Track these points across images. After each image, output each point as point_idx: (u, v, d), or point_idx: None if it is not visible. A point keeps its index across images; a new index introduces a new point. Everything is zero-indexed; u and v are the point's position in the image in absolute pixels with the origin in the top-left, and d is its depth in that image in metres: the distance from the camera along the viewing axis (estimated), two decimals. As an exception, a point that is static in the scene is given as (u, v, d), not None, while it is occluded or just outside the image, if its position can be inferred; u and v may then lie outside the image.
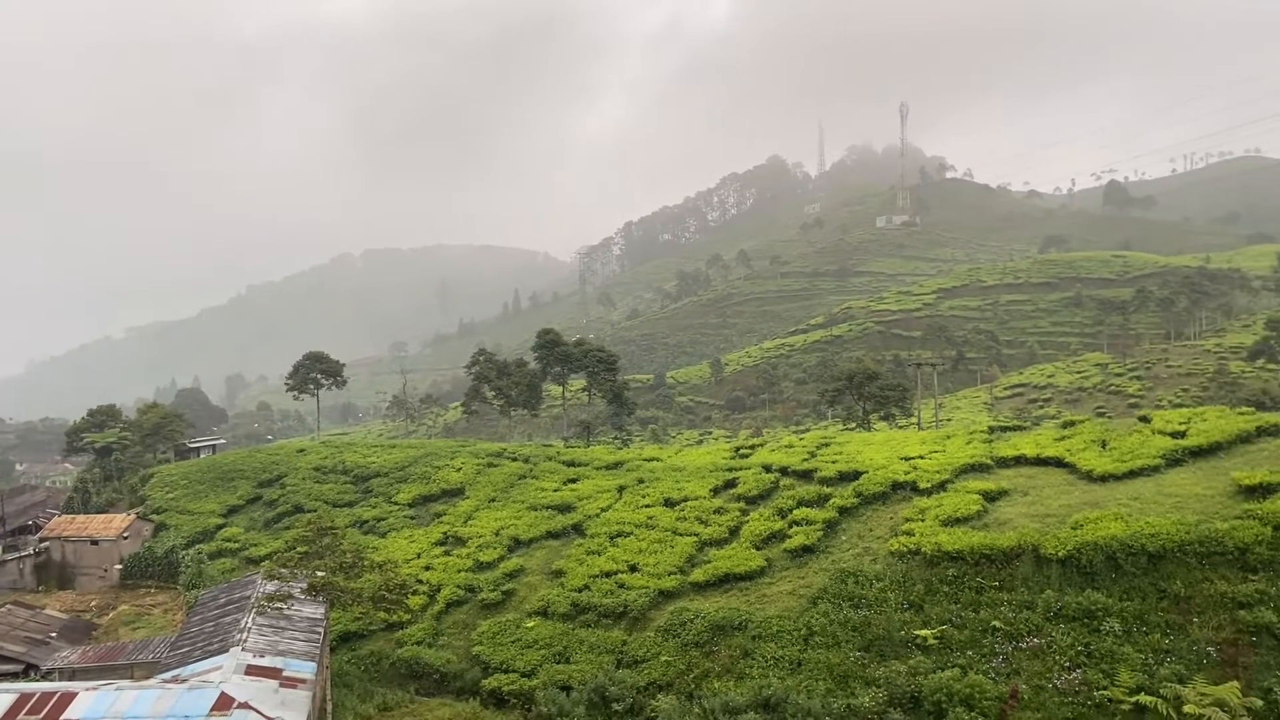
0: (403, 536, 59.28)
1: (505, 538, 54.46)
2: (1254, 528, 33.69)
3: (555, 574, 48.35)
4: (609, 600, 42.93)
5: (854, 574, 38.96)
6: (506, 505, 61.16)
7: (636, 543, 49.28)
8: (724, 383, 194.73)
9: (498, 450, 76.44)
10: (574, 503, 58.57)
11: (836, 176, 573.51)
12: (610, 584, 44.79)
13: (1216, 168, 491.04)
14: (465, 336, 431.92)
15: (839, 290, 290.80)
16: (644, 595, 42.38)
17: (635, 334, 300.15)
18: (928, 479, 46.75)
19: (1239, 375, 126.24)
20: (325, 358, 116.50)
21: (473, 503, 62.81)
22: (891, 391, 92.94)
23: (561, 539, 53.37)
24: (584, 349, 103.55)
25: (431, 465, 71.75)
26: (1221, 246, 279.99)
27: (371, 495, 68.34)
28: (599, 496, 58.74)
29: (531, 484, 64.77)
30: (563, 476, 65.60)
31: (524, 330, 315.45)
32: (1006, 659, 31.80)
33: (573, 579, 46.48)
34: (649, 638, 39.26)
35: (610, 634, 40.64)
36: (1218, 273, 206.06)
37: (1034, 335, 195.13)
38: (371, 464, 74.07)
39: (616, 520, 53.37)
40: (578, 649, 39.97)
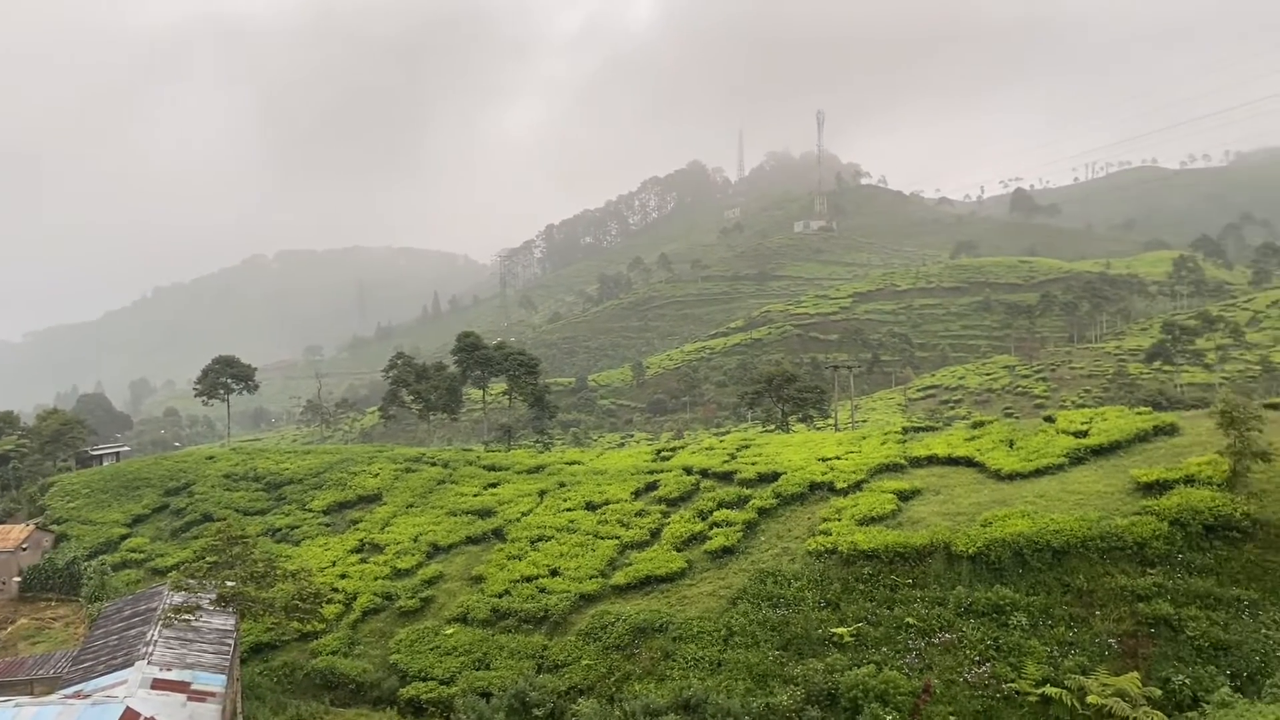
0: (317, 544, 58.00)
1: (424, 544, 53.71)
2: (1151, 523, 35.15)
3: (475, 580, 47.85)
4: (530, 605, 42.67)
5: (773, 574, 39.44)
6: (425, 511, 60.33)
7: (558, 546, 49.09)
8: (645, 385, 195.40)
9: (416, 455, 75.34)
10: (494, 507, 58.07)
11: (755, 181, 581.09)
12: (531, 589, 44.52)
13: (1116, 177, 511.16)
14: (383, 340, 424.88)
15: (758, 294, 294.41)
16: (565, 599, 42.24)
17: (557, 337, 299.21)
18: (844, 479, 47.59)
19: (1137, 376, 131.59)
20: (236, 362, 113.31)
21: (390, 509, 61.79)
22: (809, 393, 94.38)
23: (482, 544, 52.86)
24: (505, 352, 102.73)
25: (348, 471, 70.37)
26: (1121, 253, 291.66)
27: (285, 503, 66.70)
28: (520, 501, 58.35)
29: (451, 489, 64.00)
30: (483, 481, 64.99)
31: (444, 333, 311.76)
32: (920, 654, 32.55)
33: (493, 584, 46.07)
34: (570, 642, 39.14)
35: (531, 639, 40.41)
36: (1117, 278, 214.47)
37: (945, 338, 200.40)
38: (285, 470, 72.29)
39: (538, 524, 53.10)
40: (498, 655, 39.64)
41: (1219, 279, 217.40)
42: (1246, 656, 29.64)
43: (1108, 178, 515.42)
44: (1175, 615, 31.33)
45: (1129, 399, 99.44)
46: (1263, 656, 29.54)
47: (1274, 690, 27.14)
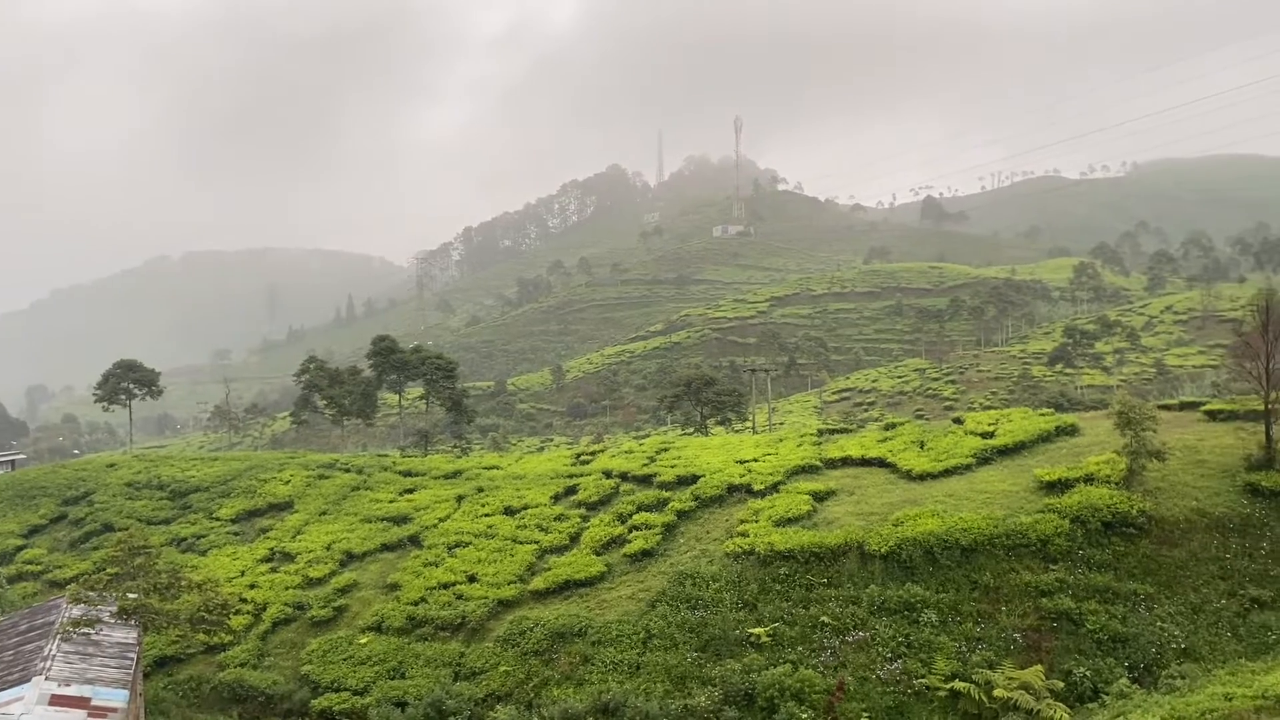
0: (225, 554, 56.26)
1: (337, 552, 52.57)
2: (1054, 521, 36.43)
3: (390, 587, 47.04)
4: (447, 612, 42.13)
5: (691, 576, 39.68)
6: (339, 518, 59.06)
7: (475, 552, 48.57)
8: (565, 389, 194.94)
9: (330, 461, 73.76)
10: (411, 514, 57.17)
11: (675, 186, 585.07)
12: (448, 595, 43.96)
13: (1020, 185, 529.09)
14: (295, 343, 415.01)
15: (678, 298, 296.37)
16: (483, 605, 41.81)
17: (475, 341, 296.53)
18: (761, 481, 48.15)
19: (1040, 379, 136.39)
20: (139, 366, 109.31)
21: (302, 516, 60.33)
22: (728, 397, 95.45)
23: (397, 551, 51.99)
24: (421, 356, 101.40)
25: (257, 478, 68.48)
26: (1025, 259, 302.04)
27: (191, 511, 64.54)
28: (437, 506, 57.57)
29: (366, 495, 62.82)
30: (399, 487, 63.93)
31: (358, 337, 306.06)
32: (834, 653, 33.14)
33: (409, 592, 45.34)
34: (488, 648, 38.76)
35: (448, 646, 39.89)
36: (1022, 283, 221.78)
37: (859, 342, 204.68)
38: (190, 478, 70.00)
39: (455, 530, 52.45)
40: (414, 663, 39.03)
41: (1117, 285, 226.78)
42: (1143, 648, 30.93)
43: (1012, 186, 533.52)
44: (1076, 609, 32.52)
45: (1033, 401, 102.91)
46: (1158, 648, 30.86)
47: (1169, 681, 28.36)
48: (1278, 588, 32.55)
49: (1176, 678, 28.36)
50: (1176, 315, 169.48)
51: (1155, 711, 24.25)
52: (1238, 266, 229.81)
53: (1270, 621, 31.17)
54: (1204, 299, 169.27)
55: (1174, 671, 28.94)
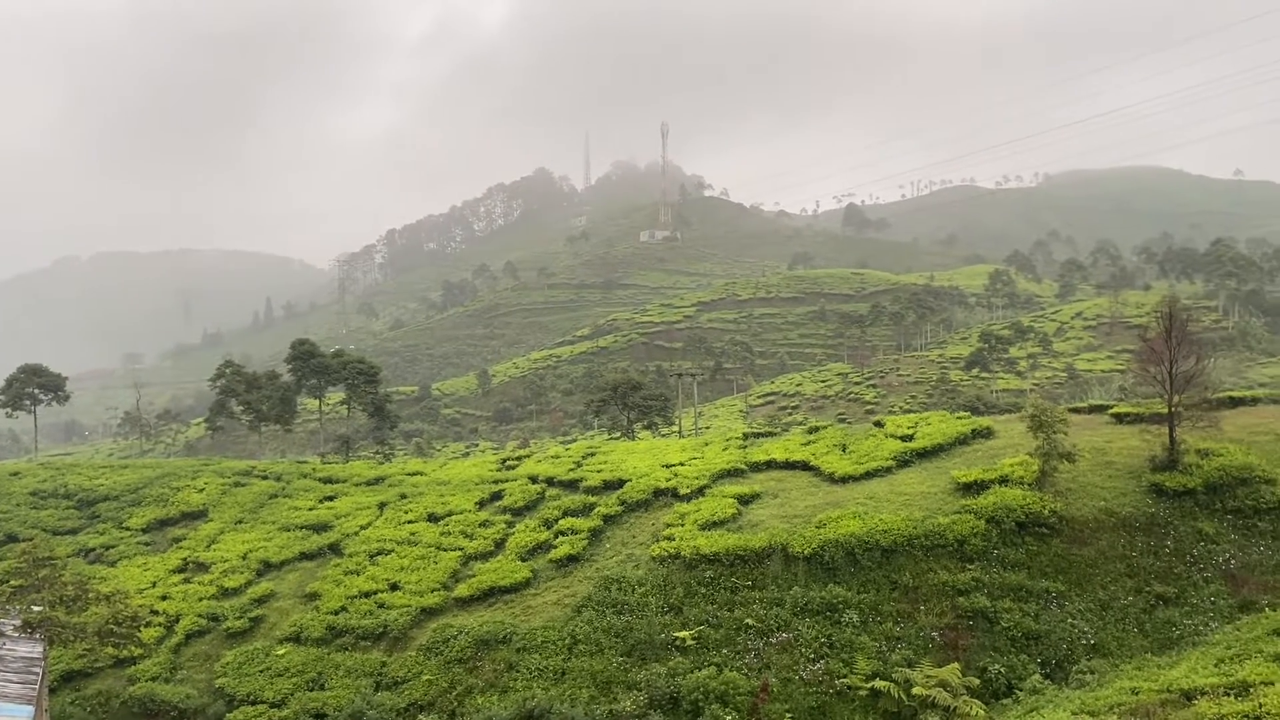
0: (135, 565, 54.39)
1: (254, 561, 51.23)
2: (970, 521, 37.36)
3: (310, 597, 46.01)
4: (368, 621, 41.38)
5: (617, 580, 39.64)
6: (256, 527, 57.58)
7: (398, 560, 47.82)
8: (491, 394, 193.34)
9: (246, 468, 71.85)
10: (331, 521, 56.04)
11: (602, 190, 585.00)
12: (370, 604, 43.19)
13: (939, 194, 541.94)
14: (211, 347, 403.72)
15: (605, 302, 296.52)
16: (405, 614, 41.18)
17: (399, 345, 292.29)
18: (687, 485, 48.39)
19: (958, 383, 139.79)
20: (44, 370, 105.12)
21: (217, 525, 58.66)
22: (654, 401, 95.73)
23: (317, 560, 50.89)
24: (343, 360, 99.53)
25: (170, 486, 66.35)
26: (943, 266, 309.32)
27: (99, 520, 62.24)
28: (358, 514, 56.52)
29: (284, 503, 61.35)
30: (319, 494, 62.62)
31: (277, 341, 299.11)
32: (758, 654, 33.44)
33: (329, 601, 44.41)
34: (410, 657, 38.18)
35: (369, 656, 39.18)
36: (940, 290, 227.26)
37: (784, 346, 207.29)
38: (99, 486, 67.49)
39: (377, 538, 51.57)
40: (334, 674, 38.23)
41: (1030, 292, 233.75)
42: (1055, 645, 31.89)
43: (931, 195, 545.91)
44: (991, 608, 33.39)
45: (950, 404, 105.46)
46: (1069, 645, 31.85)
47: (1079, 676, 29.28)
48: (1181, 585, 33.88)
49: (1086, 673, 29.29)
50: (1086, 321, 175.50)
51: (1066, 706, 24.98)
52: (1143, 274, 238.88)
53: (1174, 617, 32.40)
54: (1112, 306, 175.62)
55: (1084, 667, 29.90)
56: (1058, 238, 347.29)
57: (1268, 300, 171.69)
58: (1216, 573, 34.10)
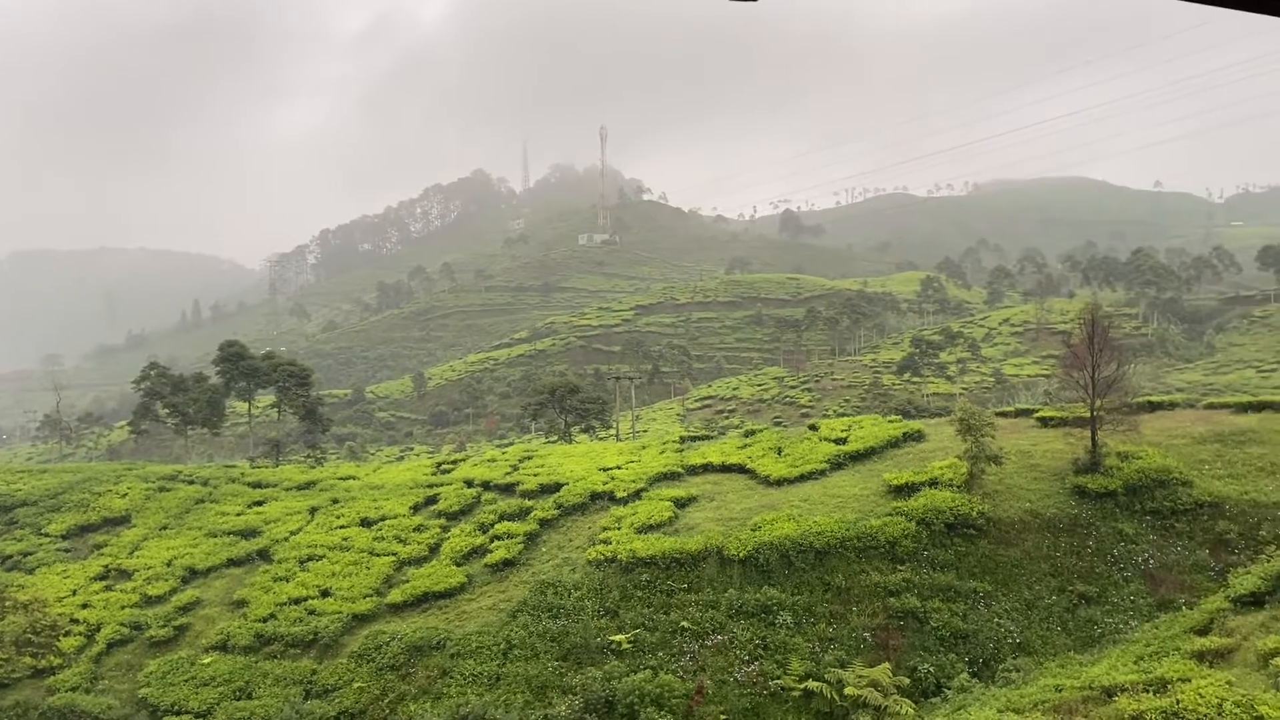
0: (55, 572, 52.59)
1: (179, 568, 49.91)
2: (901, 523, 38.00)
3: (237, 604, 44.98)
4: (298, 629, 40.58)
5: (553, 584, 39.48)
6: (181, 533, 56.10)
7: (330, 566, 47.00)
8: (427, 397, 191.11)
9: (172, 473, 69.97)
10: (260, 527, 54.85)
11: (540, 193, 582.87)
12: (300, 611, 42.36)
13: (872, 201, 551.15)
14: (135, 349, 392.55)
15: (543, 305, 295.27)
16: (337, 620, 40.47)
17: (332, 347, 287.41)
18: (624, 488, 48.41)
19: (890, 387, 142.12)
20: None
21: (141, 531, 57.02)
22: (592, 404, 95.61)
23: (245, 566, 49.76)
24: (274, 363, 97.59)
25: (91, 491, 64.31)
26: (877, 272, 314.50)
27: (16, 526, 60.08)
28: (288, 519, 55.42)
29: (211, 508, 59.89)
30: (247, 499, 61.25)
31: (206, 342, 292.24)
32: (694, 657, 33.57)
33: (257, 608, 43.46)
34: (342, 664, 37.53)
35: (299, 664, 38.41)
36: (874, 295, 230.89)
37: (721, 350, 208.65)
38: (16, 491, 65.13)
39: (308, 543, 50.61)
40: (262, 683, 37.39)
41: (960, 298, 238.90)
42: (982, 644, 32.59)
43: (865, 202, 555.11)
44: (921, 608, 34.00)
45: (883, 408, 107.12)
46: (995, 643, 32.57)
47: (1005, 674, 29.95)
48: (1102, 584, 34.88)
49: (1012, 671, 29.98)
50: (1013, 327, 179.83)
51: (992, 704, 25.53)
52: (1068, 282, 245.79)
53: (1096, 616, 33.34)
54: (1038, 312, 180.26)
55: (1010, 665, 30.59)
56: (987, 245, 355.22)
57: (1185, 308, 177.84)
58: (1136, 572, 35.18)
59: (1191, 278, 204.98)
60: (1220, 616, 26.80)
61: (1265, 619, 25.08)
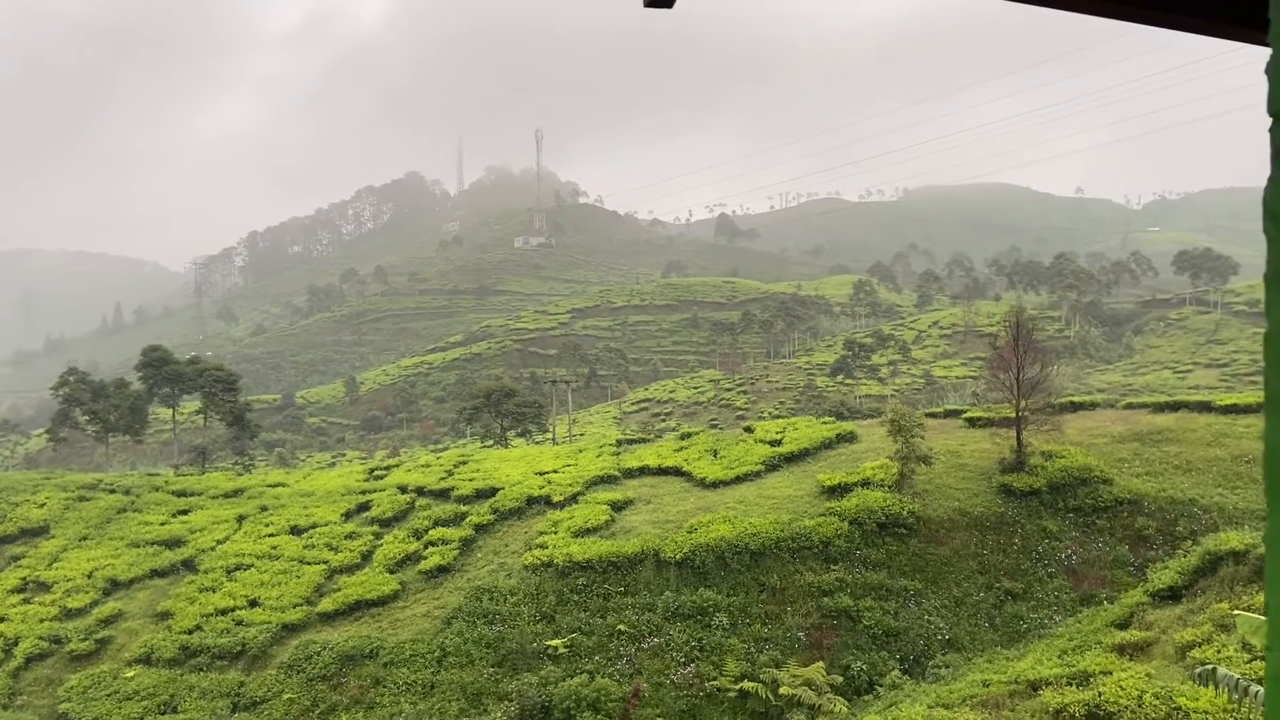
0: (-33, 587, 50.56)
1: (100, 579, 48.36)
2: (834, 523, 38.52)
3: (161, 616, 43.75)
4: (225, 640, 39.63)
5: (489, 590, 39.17)
6: (102, 543, 54.36)
7: (258, 575, 45.99)
8: (359, 402, 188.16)
9: (92, 482, 67.78)
10: (185, 536, 53.43)
11: (475, 196, 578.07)
12: (227, 622, 41.37)
13: (806, 206, 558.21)
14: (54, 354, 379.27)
15: (478, 309, 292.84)
16: (265, 631, 39.62)
17: (260, 351, 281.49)
18: (561, 492, 48.26)
19: (824, 389, 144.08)
20: None
21: (60, 542, 55.12)
22: (528, 408, 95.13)
23: (170, 577, 48.43)
24: (199, 368, 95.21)
25: (8, 501, 61.97)
26: (810, 275, 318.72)
27: (-75, 541, 57.61)
28: (215, 528, 54.09)
29: (134, 518, 58.15)
30: (172, 508, 59.62)
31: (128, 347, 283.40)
32: (630, 660, 33.58)
33: (182, 620, 42.34)
34: (271, 676, 36.74)
35: (226, 676, 37.50)
36: (807, 299, 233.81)
37: (658, 353, 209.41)
38: (-75, 503, 62.48)
39: (235, 552, 49.46)
40: (187, 696, 36.43)
41: (890, 302, 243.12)
42: (913, 641, 33.19)
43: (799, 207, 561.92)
44: (854, 607, 34.50)
45: (817, 409, 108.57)
46: (926, 641, 33.20)
47: (935, 670, 30.54)
48: (1028, 580, 35.78)
49: (942, 667, 30.58)
50: (942, 330, 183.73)
51: (922, 700, 25.99)
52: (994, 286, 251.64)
53: (1022, 612, 34.19)
54: (965, 315, 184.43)
55: (939, 661, 31.20)
56: (916, 250, 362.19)
57: (1105, 311, 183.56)
58: (1060, 568, 36.16)
59: (1111, 282, 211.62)
60: (1139, 610, 27.66)
61: (1182, 612, 25.96)
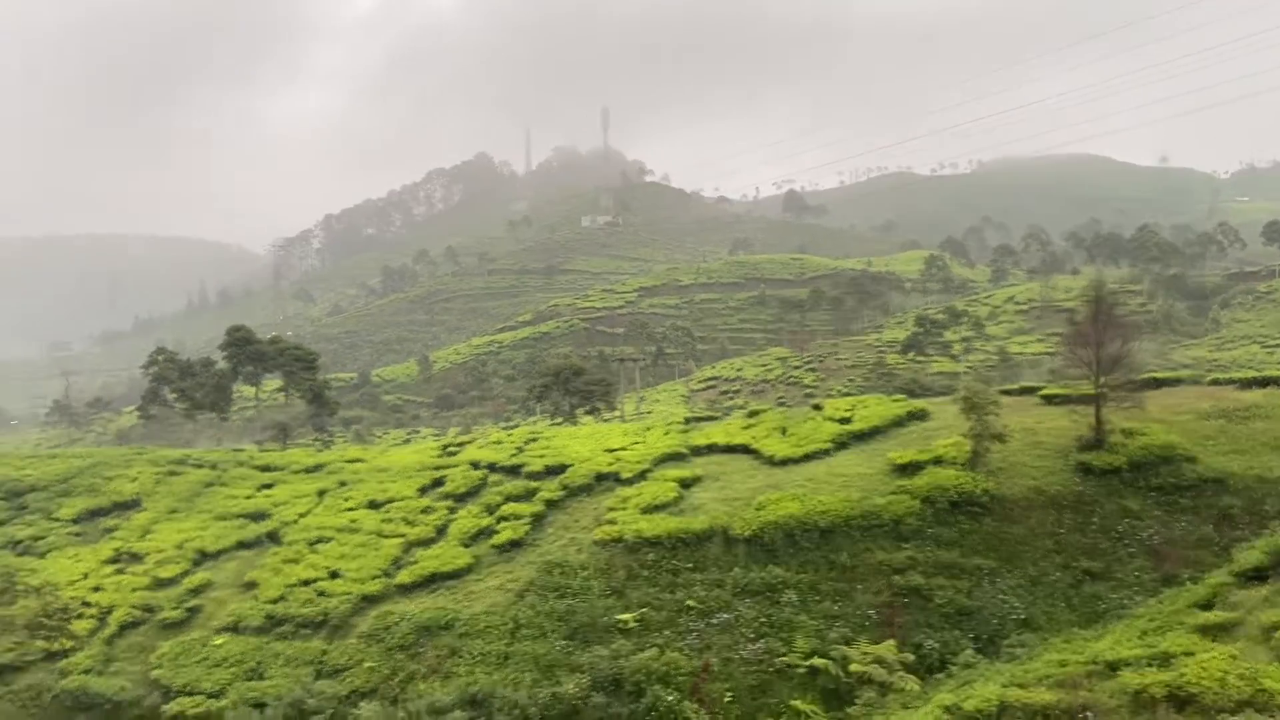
0: (66, 556, 53.03)
1: (189, 551, 50.34)
2: (905, 501, 38.21)
3: (247, 586, 45.41)
4: (308, 610, 40.99)
5: (560, 565, 39.79)
6: (191, 516, 56.52)
7: (339, 548, 47.39)
8: (432, 380, 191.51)
9: (181, 457, 70.38)
10: (269, 509, 55.24)
11: (543, 176, 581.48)
12: (309, 592, 42.76)
13: (876, 181, 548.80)
14: (142, 334, 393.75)
15: (546, 288, 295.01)
16: (346, 602, 40.86)
17: (338, 331, 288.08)
18: (629, 469, 48.64)
19: (894, 366, 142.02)
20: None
21: (151, 515, 57.46)
22: (596, 386, 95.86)
23: (255, 548, 50.17)
24: (280, 347, 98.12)
25: (101, 476, 64.74)
26: (881, 251, 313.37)
27: (27, 512, 60.48)
28: (297, 502, 55.81)
29: (220, 492, 60.30)
30: (256, 482, 61.62)
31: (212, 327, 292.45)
32: (700, 635, 33.86)
33: (267, 590, 43.88)
34: (351, 645, 37.93)
35: (309, 645, 38.82)
36: (878, 275, 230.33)
37: (725, 331, 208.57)
38: (26, 477, 65.56)
39: (316, 525, 51.02)
40: (273, 663, 37.82)
41: (964, 276, 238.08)
42: (986, 620, 32.82)
43: (868, 181, 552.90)
44: (926, 585, 34.23)
45: (887, 387, 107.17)
46: (1000, 620, 32.79)
47: (1010, 650, 30.16)
48: (1107, 560, 35.07)
49: (1016, 647, 30.19)
50: (1018, 305, 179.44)
51: (996, 679, 25.73)
52: (1072, 259, 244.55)
53: (1100, 591, 33.55)
54: (1042, 290, 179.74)
55: (1014, 641, 30.80)
56: (991, 223, 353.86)
57: (1190, 284, 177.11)
58: (1140, 548, 35.36)
59: (1196, 254, 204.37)
60: (1224, 591, 26.93)
61: (1269, 593, 25.22)
